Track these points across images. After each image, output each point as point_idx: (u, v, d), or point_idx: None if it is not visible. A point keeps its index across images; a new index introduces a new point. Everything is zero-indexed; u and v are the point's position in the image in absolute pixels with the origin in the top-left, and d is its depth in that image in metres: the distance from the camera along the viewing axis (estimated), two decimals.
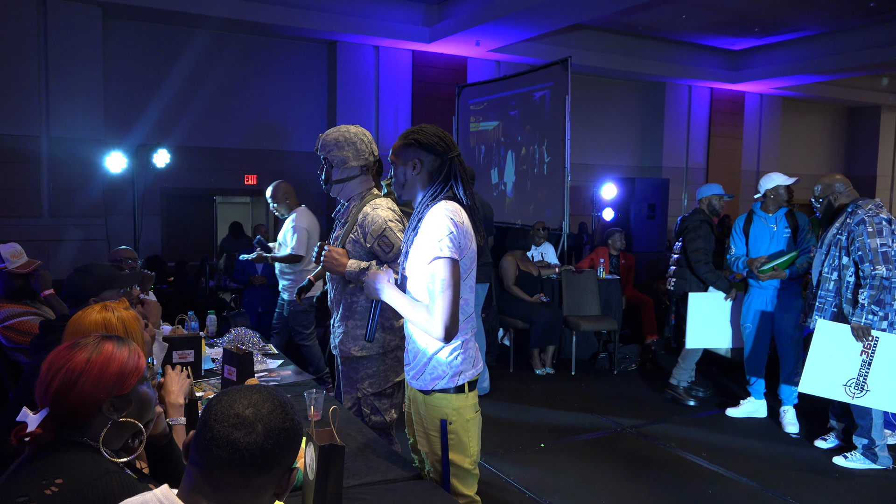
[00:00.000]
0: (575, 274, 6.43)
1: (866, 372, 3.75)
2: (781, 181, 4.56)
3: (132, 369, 1.41)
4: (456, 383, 2.05)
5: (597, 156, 11.05)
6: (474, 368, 2.10)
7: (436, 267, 1.96)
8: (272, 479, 1.13)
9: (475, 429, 2.11)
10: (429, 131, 2.09)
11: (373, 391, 2.74)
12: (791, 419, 4.57)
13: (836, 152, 14.34)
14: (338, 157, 2.72)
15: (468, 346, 2.09)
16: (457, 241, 1.96)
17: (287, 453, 1.14)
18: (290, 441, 1.14)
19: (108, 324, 1.84)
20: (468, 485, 2.12)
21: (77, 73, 7.10)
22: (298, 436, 1.17)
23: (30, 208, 7.05)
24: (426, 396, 2.09)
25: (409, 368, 2.16)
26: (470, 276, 2.07)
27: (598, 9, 7.65)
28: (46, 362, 1.37)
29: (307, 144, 8.66)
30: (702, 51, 10.93)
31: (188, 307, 4.48)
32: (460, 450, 2.08)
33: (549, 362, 6.04)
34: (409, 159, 2.09)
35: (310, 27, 7.98)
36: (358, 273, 2.56)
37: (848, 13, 8.94)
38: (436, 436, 2.08)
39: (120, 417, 1.39)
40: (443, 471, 2.09)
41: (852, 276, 3.84)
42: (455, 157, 2.09)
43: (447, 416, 2.06)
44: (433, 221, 1.99)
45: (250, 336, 3.63)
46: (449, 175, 2.07)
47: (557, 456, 4.15)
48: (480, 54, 9.34)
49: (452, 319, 1.96)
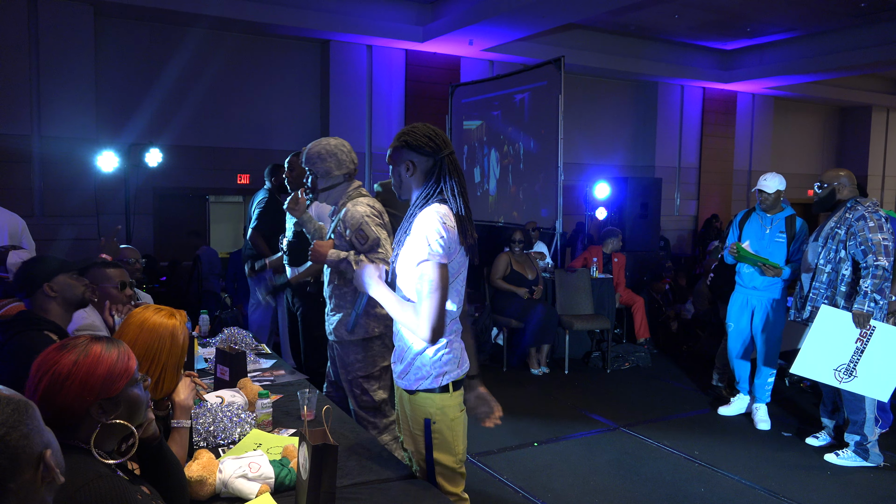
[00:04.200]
0: (568, 273, 6.44)
1: (858, 359, 3.79)
2: (782, 186, 4.55)
3: (121, 371, 1.40)
4: (440, 383, 2.06)
5: (590, 155, 11.07)
6: (459, 369, 2.11)
7: (424, 269, 1.98)
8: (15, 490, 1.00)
9: (460, 428, 2.12)
10: (419, 132, 2.09)
11: (361, 374, 2.98)
12: (763, 416, 4.62)
13: (827, 152, 14.41)
14: (322, 169, 3.02)
15: (453, 346, 2.10)
16: (446, 244, 1.97)
17: (7, 472, 0.99)
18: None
19: (175, 332, 1.88)
20: (455, 483, 2.13)
21: (69, 72, 7.06)
22: (8, 448, 1.00)
23: (21, 207, 6.97)
24: (411, 396, 2.11)
25: (396, 367, 2.18)
26: (458, 279, 2.09)
27: (591, 8, 7.67)
28: (36, 363, 1.36)
29: (300, 144, 8.59)
30: (694, 50, 10.97)
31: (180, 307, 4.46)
32: (445, 449, 2.09)
33: (544, 361, 6.05)
34: (402, 161, 2.10)
35: (303, 26, 7.96)
36: (337, 262, 2.89)
37: (839, 13, 8.99)
38: (420, 435, 2.10)
39: (109, 420, 1.38)
40: (427, 469, 2.11)
41: (848, 269, 3.88)
42: (447, 156, 2.08)
43: (431, 415, 2.07)
44: (424, 224, 2.00)
45: (243, 336, 3.61)
46: (440, 175, 2.07)
47: (551, 455, 4.16)
48: (474, 54, 9.34)
49: (439, 321, 1.97)
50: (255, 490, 1.88)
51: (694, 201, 12.11)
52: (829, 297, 3.96)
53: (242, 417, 2.33)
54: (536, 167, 7.48)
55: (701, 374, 5.97)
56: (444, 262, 1.98)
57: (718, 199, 12.05)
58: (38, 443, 1.05)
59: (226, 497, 1.89)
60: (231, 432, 2.27)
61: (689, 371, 6.15)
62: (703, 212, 11.90)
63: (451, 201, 2.05)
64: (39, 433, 1.06)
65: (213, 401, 2.46)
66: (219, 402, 2.44)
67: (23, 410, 1.04)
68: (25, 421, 1.04)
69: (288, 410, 2.64)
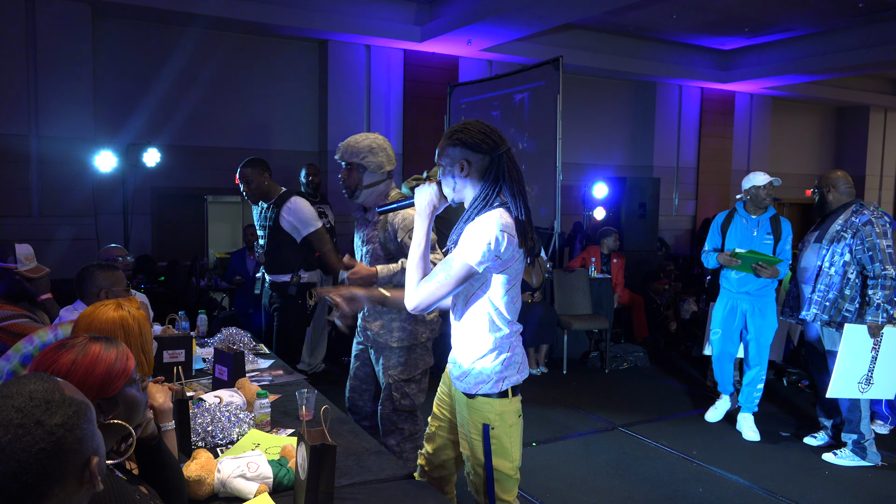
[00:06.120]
0: (566, 273, 6.45)
1: (873, 367, 3.82)
2: (758, 181, 4.37)
3: (119, 371, 1.40)
4: (500, 388, 2.03)
5: (588, 155, 11.07)
6: (519, 374, 2.07)
7: (455, 257, 1.95)
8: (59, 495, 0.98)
9: (517, 434, 2.08)
10: (473, 128, 1.98)
11: (403, 378, 2.95)
12: (751, 426, 4.46)
13: (825, 152, 14.42)
14: (374, 163, 2.86)
15: (515, 350, 2.06)
16: (491, 253, 1.91)
17: (55, 474, 0.97)
18: (48, 463, 0.96)
19: (125, 323, 1.81)
20: (508, 490, 2.10)
21: (66, 72, 7.04)
22: (62, 451, 0.99)
23: (19, 207, 6.99)
24: (470, 400, 2.07)
25: (455, 370, 2.14)
26: (515, 285, 2.03)
27: (589, 8, 7.66)
28: (35, 363, 1.36)
29: (297, 144, 8.65)
30: (692, 51, 10.97)
31: (178, 307, 4.46)
32: (503, 455, 2.05)
33: (543, 361, 6.05)
34: (457, 161, 1.98)
35: (301, 26, 7.95)
36: (391, 276, 2.74)
37: (837, 13, 9.00)
38: (478, 440, 2.06)
39: (107, 420, 1.37)
40: (486, 476, 2.07)
41: (854, 272, 3.88)
42: (504, 152, 1.98)
43: (490, 420, 2.03)
44: (480, 226, 1.92)
45: (241, 336, 3.61)
46: (499, 175, 1.97)
47: (549, 454, 4.16)
48: (472, 54, 9.34)
49: (427, 303, 1.99)
50: (254, 490, 1.88)
51: (692, 201, 12.11)
52: (833, 300, 3.93)
53: (241, 417, 2.33)
54: (536, 167, 7.48)
55: (699, 375, 5.97)
56: (472, 266, 1.92)
57: (716, 200, 12.06)
58: (89, 448, 1.04)
59: (224, 497, 1.89)
60: (229, 432, 2.27)
61: (688, 371, 6.16)
62: (702, 212, 11.92)
63: (512, 203, 1.97)
64: (92, 437, 1.05)
65: (211, 401, 2.46)
66: (217, 402, 2.44)
67: (82, 414, 1.03)
68: (83, 425, 1.02)
69: (286, 410, 2.63)
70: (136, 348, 1.84)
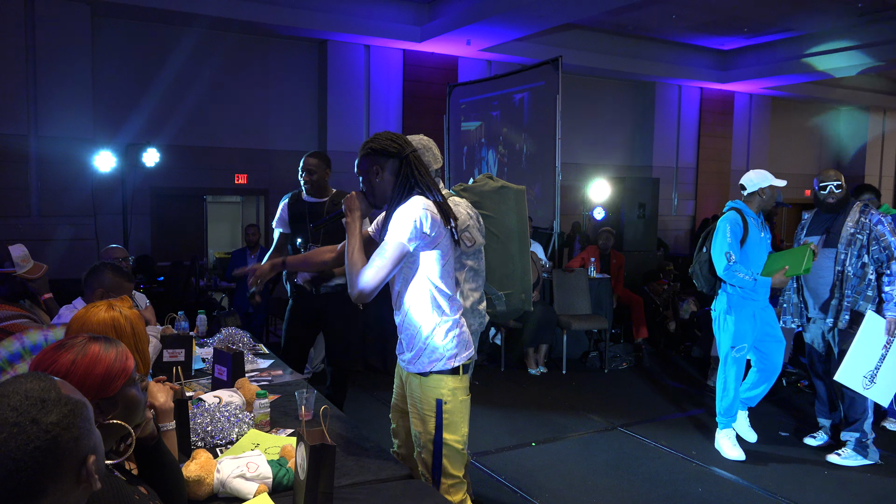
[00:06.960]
0: (566, 273, 6.45)
1: (879, 365, 3.81)
2: (775, 182, 4.08)
3: (119, 371, 1.40)
4: (452, 365, 2.22)
5: (587, 155, 11.07)
6: (468, 351, 2.26)
7: (387, 242, 2.12)
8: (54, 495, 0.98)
9: (466, 410, 2.29)
10: (382, 137, 2.24)
11: None
12: (747, 426, 4.32)
13: (824, 152, 14.44)
14: None
15: (461, 328, 2.25)
16: (419, 231, 2.10)
17: (51, 472, 0.97)
18: (44, 461, 0.96)
19: (117, 323, 1.80)
20: (457, 465, 2.27)
21: (65, 72, 7.04)
22: (58, 449, 0.99)
23: (18, 208, 6.99)
24: (423, 378, 2.24)
25: (404, 356, 2.30)
26: (448, 261, 2.20)
27: (588, 8, 7.67)
28: (34, 362, 1.36)
29: (297, 144, 8.64)
30: (691, 51, 10.98)
31: (178, 307, 4.46)
32: (453, 429, 2.23)
33: (542, 361, 6.05)
34: (371, 167, 2.22)
35: (300, 26, 7.95)
36: None
37: (837, 14, 9.01)
38: (430, 416, 2.23)
39: (106, 420, 1.37)
40: (434, 450, 2.24)
41: (873, 273, 3.89)
42: (410, 153, 2.21)
43: (443, 396, 2.22)
44: (405, 210, 2.13)
45: (241, 335, 3.61)
46: (409, 172, 2.20)
47: (549, 454, 4.16)
48: (471, 54, 9.34)
49: (371, 287, 2.11)
50: (253, 490, 1.87)
51: (691, 201, 12.12)
52: (853, 301, 3.91)
53: (240, 417, 2.33)
54: (535, 167, 7.48)
55: (698, 375, 5.98)
56: (405, 244, 2.10)
57: (716, 200, 12.06)
58: (86, 446, 1.04)
59: (223, 497, 1.89)
60: (229, 432, 2.27)
61: (687, 371, 6.16)
62: (701, 212, 11.92)
63: (427, 192, 2.18)
64: (89, 436, 1.05)
65: (210, 401, 2.46)
66: (217, 402, 2.44)
67: (79, 412, 1.03)
68: (79, 423, 1.02)
69: (286, 410, 2.63)
70: (129, 348, 1.83)
